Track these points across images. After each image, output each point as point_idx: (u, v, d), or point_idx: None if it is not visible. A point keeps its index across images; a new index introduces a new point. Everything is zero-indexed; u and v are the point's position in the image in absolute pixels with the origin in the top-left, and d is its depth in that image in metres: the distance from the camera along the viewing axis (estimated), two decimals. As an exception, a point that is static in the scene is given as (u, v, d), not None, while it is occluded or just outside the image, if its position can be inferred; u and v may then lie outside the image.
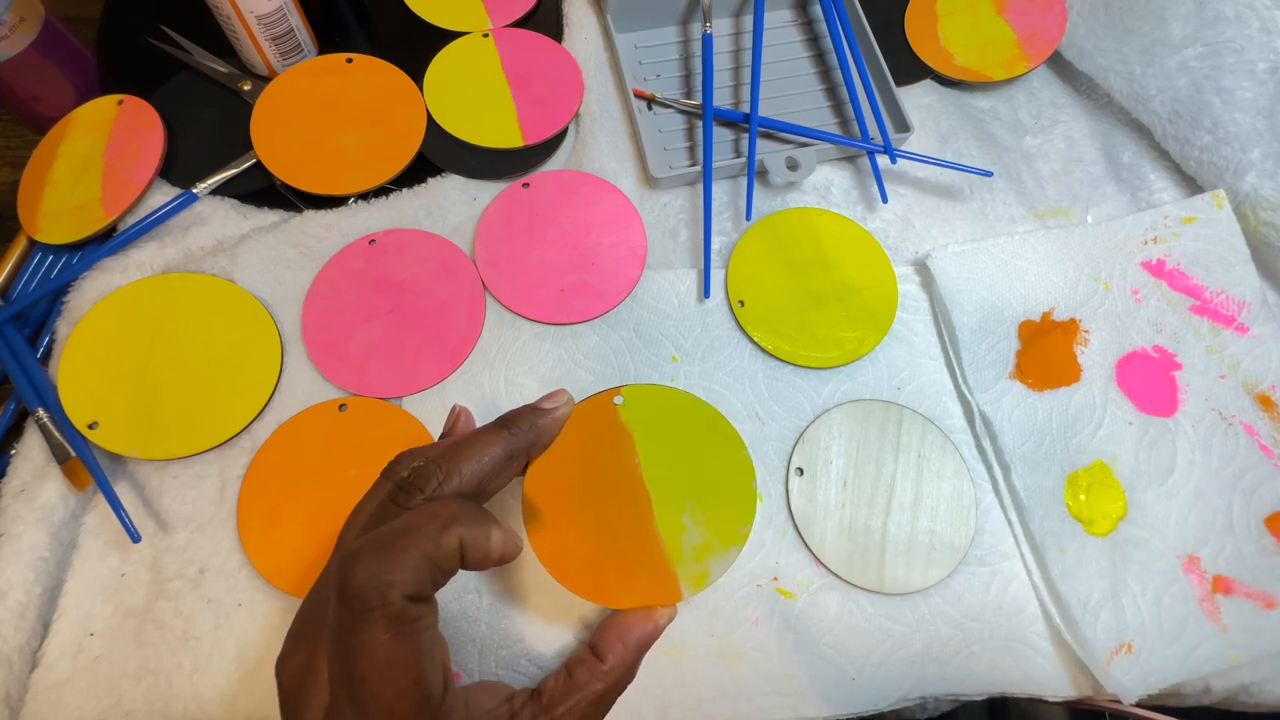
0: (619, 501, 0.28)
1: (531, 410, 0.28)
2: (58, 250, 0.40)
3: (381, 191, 0.41)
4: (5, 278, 0.39)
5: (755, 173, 0.41)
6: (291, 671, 0.23)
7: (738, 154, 0.43)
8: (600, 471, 0.28)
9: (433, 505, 0.23)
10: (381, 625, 0.21)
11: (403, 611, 0.21)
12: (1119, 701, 0.33)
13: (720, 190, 0.43)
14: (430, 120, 0.42)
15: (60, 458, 0.33)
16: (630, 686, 0.27)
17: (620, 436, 0.29)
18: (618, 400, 0.29)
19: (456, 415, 0.29)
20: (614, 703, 0.27)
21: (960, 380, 0.39)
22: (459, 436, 0.26)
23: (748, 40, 0.46)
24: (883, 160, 0.43)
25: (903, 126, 0.44)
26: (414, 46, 0.44)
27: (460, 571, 0.24)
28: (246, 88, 0.42)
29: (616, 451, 0.29)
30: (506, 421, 0.27)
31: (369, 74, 0.43)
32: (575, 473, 0.28)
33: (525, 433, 0.27)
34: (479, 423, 0.29)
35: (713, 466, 0.29)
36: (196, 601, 0.32)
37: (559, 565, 0.27)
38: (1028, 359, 0.39)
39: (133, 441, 0.34)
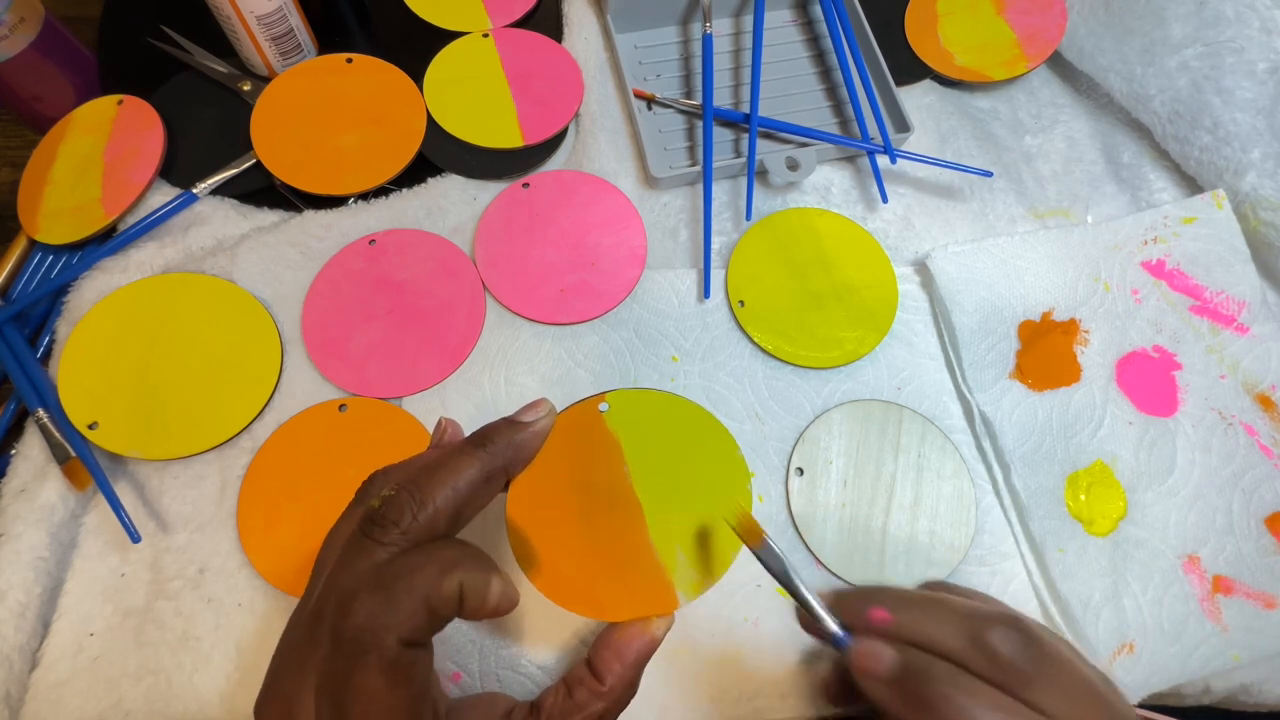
0: (609, 512, 0.27)
1: (509, 425, 0.26)
2: (58, 250, 0.40)
3: (381, 191, 0.41)
4: (5, 278, 0.39)
5: (755, 173, 0.41)
6: (272, 714, 0.22)
7: (738, 154, 0.43)
8: (588, 483, 0.27)
9: (434, 548, 0.22)
10: (376, 670, 0.20)
11: (399, 657, 0.20)
12: (1119, 701, 0.33)
13: (720, 190, 0.43)
14: (430, 120, 0.42)
15: (60, 458, 0.33)
16: None
17: (608, 445, 0.27)
18: (603, 407, 0.28)
19: (444, 429, 0.27)
20: (617, 718, 0.26)
21: (960, 380, 0.39)
22: (432, 458, 0.24)
23: (748, 40, 0.46)
24: (883, 160, 0.43)
25: (903, 126, 0.44)
26: (414, 46, 0.44)
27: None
28: (246, 88, 0.42)
29: (604, 461, 0.27)
30: (481, 439, 0.25)
31: (369, 74, 0.43)
32: (562, 486, 0.27)
33: (502, 450, 0.25)
34: (478, 425, 0.28)
35: (705, 468, 0.28)
36: (196, 601, 0.32)
37: (550, 583, 0.26)
38: (1028, 359, 0.39)
39: (133, 441, 0.34)
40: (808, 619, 0.24)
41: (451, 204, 0.41)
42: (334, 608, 0.21)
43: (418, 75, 0.43)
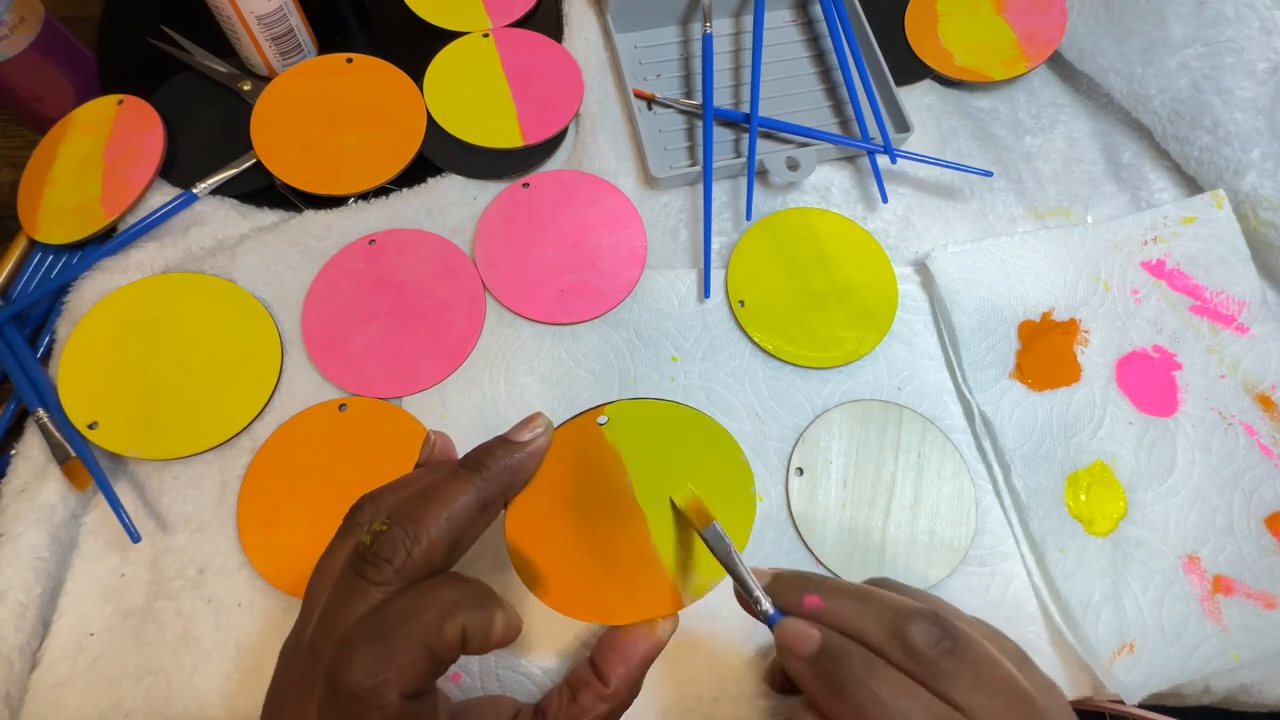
0: (612, 522, 0.26)
1: (504, 446, 0.24)
2: (58, 250, 0.40)
3: (381, 191, 0.41)
4: (5, 278, 0.39)
5: (755, 173, 0.41)
6: None
7: (738, 154, 0.43)
8: (590, 496, 0.26)
9: (433, 588, 0.21)
10: None
11: (401, 711, 0.20)
12: (1120, 702, 0.33)
13: (720, 190, 0.43)
14: (430, 120, 0.42)
15: (60, 458, 0.33)
16: None
17: (608, 459, 0.27)
18: (601, 420, 0.27)
19: (432, 444, 0.26)
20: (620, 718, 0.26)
21: (960, 380, 0.39)
22: (424, 483, 0.23)
23: (748, 40, 0.46)
24: (883, 160, 0.43)
25: (903, 126, 0.44)
26: (414, 46, 0.44)
27: None
28: (246, 88, 0.42)
29: (605, 475, 0.26)
30: (476, 463, 0.24)
31: (369, 74, 0.43)
32: (562, 501, 0.26)
33: (499, 474, 0.24)
34: (475, 430, 0.27)
35: (708, 475, 0.27)
36: (196, 601, 0.32)
37: (556, 597, 0.26)
38: (1028, 359, 0.39)
39: (133, 441, 0.34)
40: (745, 597, 0.25)
41: (451, 204, 0.41)
42: (331, 656, 0.20)
43: (418, 75, 0.43)
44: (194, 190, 0.39)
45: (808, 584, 0.24)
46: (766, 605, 0.24)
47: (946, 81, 0.48)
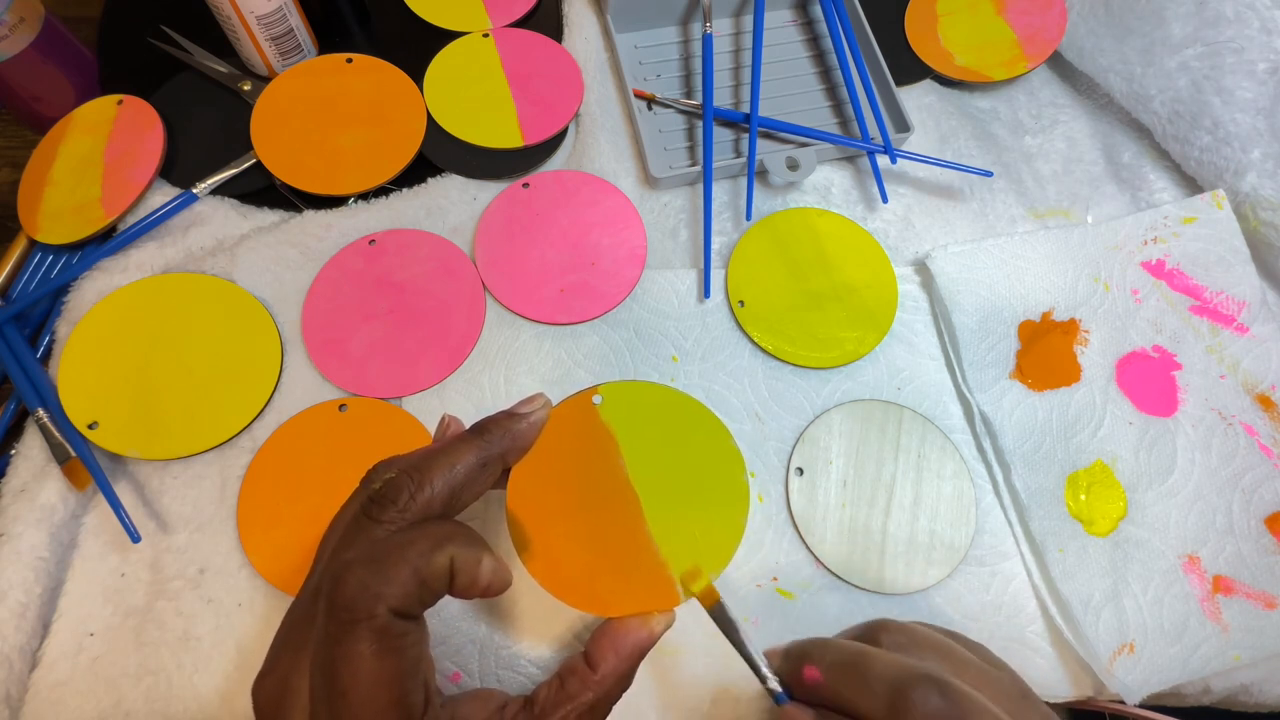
0: (607, 506, 0.27)
1: (506, 416, 0.27)
2: (58, 250, 0.40)
3: (381, 191, 0.41)
4: (5, 278, 0.39)
5: (755, 173, 0.41)
6: (268, 690, 0.23)
7: (738, 154, 0.43)
8: (585, 476, 0.27)
9: (427, 525, 0.23)
10: (366, 638, 0.21)
11: (388, 626, 0.21)
12: (1121, 702, 0.33)
13: (720, 190, 0.43)
14: (430, 120, 0.42)
15: (60, 458, 0.33)
16: (631, 687, 0.27)
17: (602, 438, 0.28)
18: (596, 400, 0.28)
19: (446, 425, 0.28)
20: (609, 712, 0.26)
21: (960, 380, 0.39)
22: (432, 446, 0.26)
23: (748, 40, 0.46)
24: (883, 160, 0.43)
25: (903, 126, 0.44)
26: (414, 46, 0.44)
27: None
28: (246, 88, 0.42)
29: (600, 454, 0.27)
30: (479, 429, 0.26)
31: (369, 74, 0.43)
32: (558, 479, 0.27)
33: (499, 439, 0.26)
34: None
35: (701, 460, 0.28)
36: (196, 601, 0.32)
37: (550, 576, 0.26)
38: (1028, 359, 0.39)
39: (133, 441, 0.34)
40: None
41: (451, 204, 0.41)
42: (329, 581, 0.22)
43: (418, 75, 0.43)
44: (194, 190, 0.39)
45: (806, 655, 0.25)
46: (774, 685, 0.26)
47: (946, 81, 0.48)
